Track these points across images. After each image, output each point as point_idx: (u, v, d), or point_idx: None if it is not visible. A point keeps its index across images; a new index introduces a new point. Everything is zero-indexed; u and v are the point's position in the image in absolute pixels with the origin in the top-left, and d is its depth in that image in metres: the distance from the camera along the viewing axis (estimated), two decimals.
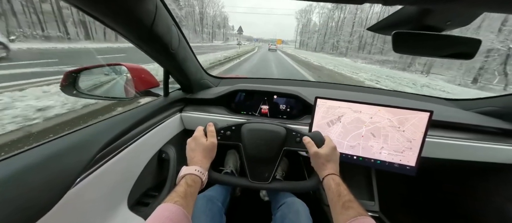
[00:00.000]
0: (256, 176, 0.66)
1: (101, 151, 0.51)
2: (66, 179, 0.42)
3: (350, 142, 0.79)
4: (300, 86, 1.11)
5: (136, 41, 0.51)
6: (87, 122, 0.57)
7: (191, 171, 0.52)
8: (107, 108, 3.12)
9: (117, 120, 0.62)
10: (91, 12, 0.38)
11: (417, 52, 0.51)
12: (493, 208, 0.97)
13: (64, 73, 0.69)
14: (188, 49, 0.77)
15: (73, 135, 0.50)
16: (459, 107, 1.08)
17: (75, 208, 0.45)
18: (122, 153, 0.58)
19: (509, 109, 0.89)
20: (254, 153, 0.66)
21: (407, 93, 1.30)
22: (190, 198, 0.46)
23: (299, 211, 0.75)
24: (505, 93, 0.93)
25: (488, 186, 1.00)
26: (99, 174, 0.50)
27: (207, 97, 0.97)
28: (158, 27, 0.50)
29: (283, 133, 0.67)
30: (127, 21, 0.43)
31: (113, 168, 0.55)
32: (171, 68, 0.77)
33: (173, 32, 0.59)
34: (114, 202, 0.58)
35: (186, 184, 0.48)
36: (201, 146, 0.59)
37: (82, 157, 0.46)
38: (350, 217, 0.43)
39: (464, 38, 0.47)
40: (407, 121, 0.73)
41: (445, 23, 0.45)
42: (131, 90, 0.80)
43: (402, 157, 0.75)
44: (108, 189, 0.55)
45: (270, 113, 0.99)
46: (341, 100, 0.78)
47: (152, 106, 0.75)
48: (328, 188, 0.54)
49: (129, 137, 0.62)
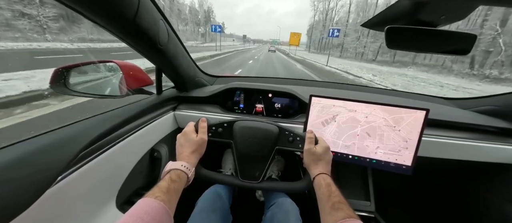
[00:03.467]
0: (247, 175, 0.65)
1: (87, 148, 0.50)
2: (46, 177, 0.40)
3: (345, 141, 0.78)
4: (295, 85, 1.10)
5: (119, 34, 0.49)
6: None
7: (177, 166, 0.51)
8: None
9: (105, 117, 0.61)
10: (65, 1, 0.37)
11: (411, 48, 0.50)
12: (491, 208, 0.96)
13: (54, 70, 0.68)
14: (179, 45, 0.75)
15: (57, 132, 0.49)
16: (457, 106, 1.06)
17: (55, 206, 0.44)
18: (110, 150, 0.57)
19: (509, 108, 0.88)
20: (246, 151, 0.64)
21: (404, 92, 1.29)
22: (173, 193, 0.45)
23: (289, 211, 0.74)
24: (505, 92, 0.91)
25: (487, 186, 0.99)
26: (84, 172, 0.49)
27: (201, 95, 0.96)
28: (142, 20, 0.48)
29: (275, 131, 0.66)
30: (106, 12, 0.42)
31: (100, 166, 0.54)
32: (162, 65, 0.76)
33: (160, 27, 0.58)
34: (101, 201, 0.57)
35: (170, 179, 0.47)
36: (190, 141, 0.58)
37: (65, 154, 0.44)
38: (338, 218, 0.42)
39: (459, 33, 0.45)
40: (402, 120, 0.71)
41: (440, 18, 0.44)
42: (123, 87, 0.79)
43: (398, 156, 0.74)
44: (95, 187, 0.54)
45: (265, 112, 0.98)
46: (335, 98, 0.76)
47: (143, 104, 0.74)
48: (318, 187, 0.52)
49: (119, 134, 0.61)
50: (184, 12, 70.14)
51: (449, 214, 1.17)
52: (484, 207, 0.99)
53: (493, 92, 1.05)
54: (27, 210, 0.37)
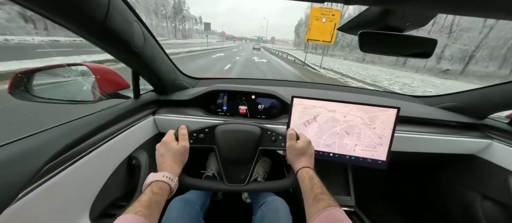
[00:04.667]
0: (232, 179, 0.64)
1: (53, 160, 0.46)
2: (4, 195, 0.36)
3: (326, 141, 0.81)
4: (278, 86, 1.12)
5: (89, 37, 0.46)
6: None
7: (159, 177, 0.49)
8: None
9: (75, 125, 0.56)
10: (24, 3, 0.34)
11: (382, 51, 0.53)
12: (455, 196, 1.06)
13: (12, 75, 0.61)
14: (157, 48, 0.72)
15: (18, 144, 0.44)
16: (424, 103, 1.16)
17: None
18: (81, 161, 0.53)
19: (467, 105, 0.98)
20: (229, 155, 0.64)
21: (378, 91, 1.38)
22: (155, 207, 0.43)
23: (279, 209, 0.75)
24: (465, 89, 1.02)
25: (451, 175, 1.09)
26: (51, 186, 0.45)
27: (182, 98, 0.93)
28: (113, 22, 0.46)
29: (258, 132, 0.66)
30: (72, 14, 0.39)
31: (70, 178, 0.50)
32: (139, 68, 0.72)
33: (135, 29, 0.55)
34: (71, 216, 0.53)
35: (152, 192, 0.45)
36: (171, 150, 0.56)
37: (27, 169, 0.40)
38: (320, 209, 0.43)
39: (422, 38, 0.50)
40: (377, 118, 0.76)
41: (405, 24, 0.47)
42: (96, 92, 0.74)
43: (374, 152, 0.78)
44: (64, 202, 0.50)
45: (249, 114, 0.98)
46: (316, 98, 0.79)
47: (118, 109, 0.70)
48: (301, 180, 0.54)
49: (91, 143, 0.57)
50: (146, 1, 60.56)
51: (420, 203, 1.27)
52: (449, 195, 1.09)
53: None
54: None
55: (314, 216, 0.43)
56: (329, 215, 0.42)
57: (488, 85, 0.91)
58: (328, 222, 0.41)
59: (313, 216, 0.44)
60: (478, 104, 0.94)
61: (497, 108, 0.90)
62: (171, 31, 71.88)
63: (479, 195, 0.95)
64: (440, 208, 1.15)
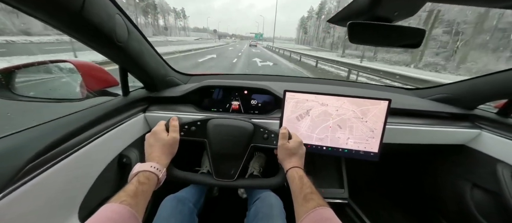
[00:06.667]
0: (222, 174, 0.64)
1: (36, 159, 0.44)
2: None
3: (319, 134, 0.81)
4: (271, 81, 1.11)
5: (66, 30, 0.44)
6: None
7: (146, 167, 0.48)
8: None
9: (60, 123, 0.54)
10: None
11: (371, 42, 0.53)
12: (446, 185, 1.08)
13: None
14: (143, 42, 0.70)
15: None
16: (416, 95, 1.17)
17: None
18: (67, 160, 0.51)
19: (457, 96, 0.99)
20: (220, 149, 0.63)
21: (369, 84, 1.39)
22: (141, 196, 0.43)
23: (273, 205, 0.75)
24: (455, 81, 1.03)
25: (443, 165, 1.11)
26: (34, 186, 0.44)
27: (174, 95, 0.92)
28: (91, 13, 0.44)
29: (250, 129, 0.65)
30: (44, 5, 0.37)
31: (56, 177, 0.48)
32: (125, 64, 0.70)
33: (117, 22, 0.53)
34: (59, 217, 0.51)
35: (138, 182, 0.44)
36: (161, 141, 0.55)
37: (7, 169, 0.39)
38: (309, 209, 0.43)
39: (410, 28, 0.49)
40: (369, 111, 0.76)
41: (393, 14, 0.47)
42: (82, 90, 0.72)
43: (367, 144, 0.79)
44: (50, 202, 0.48)
45: (242, 109, 0.97)
46: (308, 92, 0.78)
47: (106, 107, 0.68)
48: (291, 180, 0.54)
49: (78, 141, 0.55)
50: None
51: (412, 194, 1.29)
52: (440, 184, 1.12)
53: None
54: None
55: (304, 216, 0.44)
56: (318, 214, 0.43)
57: (477, 76, 0.92)
58: (317, 222, 0.42)
59: (302, 216, 0.44)
60: (467, 95, 0.96)
61: (486, 99, 0.92)
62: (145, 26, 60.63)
63: (469, 184, 0.97)
64: (432, 198, 1.17)
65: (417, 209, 1.23)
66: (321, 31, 49.50)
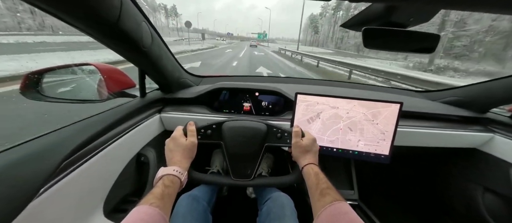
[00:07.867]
0: (239, 174, 0.66)
1: (69, 157, 0.48)
2: (27, 190, 0.38)
3: (330, 137, 0.82)
4: (281, 83, 1.13)
5: (102, 38, 0.48)
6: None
7: (169, 171, 0.51)
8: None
9: (87, 124, 0.58)
10: (45, 7, 0.35)
11: (385, 47, 0.54)
12: (457, 189, 1.07)
13: (24, 75, 0.63)
14: (163, 46, 0.74)
15: (35, 142, 0.46)
16: (426, 98, 1.16)
17: (39, 220, 0.41)
18: (94, 158, 0.55)
19: (469, 98, 0.98)
20: (236, 150, 0.66)
21: (381, 86, 1.39)
22: (167, 199, 0.45)
23: (284, 204, 0.77)
24: (466, 83, 1.02)
25: (453, 169, 1.10)
26: (68, 182, 0.47)
27: (187, 96, 0.95)
28: (125, 24, 0.47)
29: (264, 129, 0.67)
30: (87, 17, 0.40)
31: (84, 175, 0.52)
32: (146, 67, 0.74)
33: (143, 29, 0.57)
34: (87, 211, 0.55)
35: (163, 185, 0.47)
36: (180, 146, 0.58)
37: (46, 165, 0.42)
38: (326, 203, 0.45)
39: (425, 33, 0.50)
40: (380, 114, 0.77)
41: (408, 20, 0.48)
42: (104, 91, 0.76)
43: (377, 147, 0.80)
44: (80, 197, 0.52)
45: (253, 110, 0.99)
46: (320, 95, 0.80)
47: (127, 108, 0.72)
48: (307, 177, 0.55)
49: (102, 141, 0.59)
50: None
51: (423, 197, 1.28)
52: (452, 188, 1.11)
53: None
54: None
55: (321, 210, 0.45)
56: (335, 209, 0.44)
57: (491, 79, 0.91)
58: (334, 216, 0.43)
59: (319, 211, 0.45)
60: (480, 98, 0.95)
61: (500, 102, 0.91)
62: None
63: (480, 188, 0.96)
64: (442, 202, 1.16)
65: (428, 212, 1.22)
66: (338, 30, 41.54)
